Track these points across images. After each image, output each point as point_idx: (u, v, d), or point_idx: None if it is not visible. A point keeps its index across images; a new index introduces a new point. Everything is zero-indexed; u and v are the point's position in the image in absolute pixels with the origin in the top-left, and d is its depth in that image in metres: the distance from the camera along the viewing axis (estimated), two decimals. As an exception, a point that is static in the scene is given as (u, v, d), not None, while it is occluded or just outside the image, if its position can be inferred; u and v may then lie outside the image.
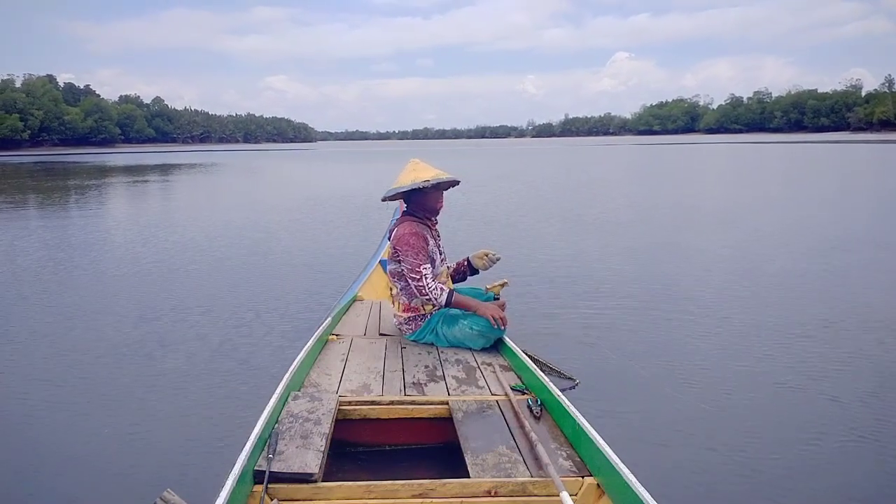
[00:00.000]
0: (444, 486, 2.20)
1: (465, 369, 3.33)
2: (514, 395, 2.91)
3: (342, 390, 2.97)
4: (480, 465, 2.33)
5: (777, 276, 7.16)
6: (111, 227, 12.49)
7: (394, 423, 2.85)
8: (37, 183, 27.58)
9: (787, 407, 3.78)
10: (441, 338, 3.70)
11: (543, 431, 2.59)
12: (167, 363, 4.61)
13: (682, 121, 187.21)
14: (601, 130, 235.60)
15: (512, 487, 2.20)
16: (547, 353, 4.32)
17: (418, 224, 3.77)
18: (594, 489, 2.22)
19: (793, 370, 4.31)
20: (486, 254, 4.07)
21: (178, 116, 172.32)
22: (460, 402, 2.85)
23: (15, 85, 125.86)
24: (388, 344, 3.73)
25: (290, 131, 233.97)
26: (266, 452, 2.25)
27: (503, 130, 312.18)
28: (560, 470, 2.26)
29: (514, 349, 3.46)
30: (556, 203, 15.31)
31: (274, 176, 33.09)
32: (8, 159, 71.00)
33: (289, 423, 2.49)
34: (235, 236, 10.82)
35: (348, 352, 3.55)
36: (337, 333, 3.89)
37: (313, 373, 3.19)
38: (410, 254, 3.63)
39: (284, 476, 2.17)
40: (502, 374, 3.21)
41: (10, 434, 3.56)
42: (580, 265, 7.97)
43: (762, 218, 12.25)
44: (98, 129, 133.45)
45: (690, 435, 3.44)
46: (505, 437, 2.54)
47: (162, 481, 2.61)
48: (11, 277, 7.73)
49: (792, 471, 3.06)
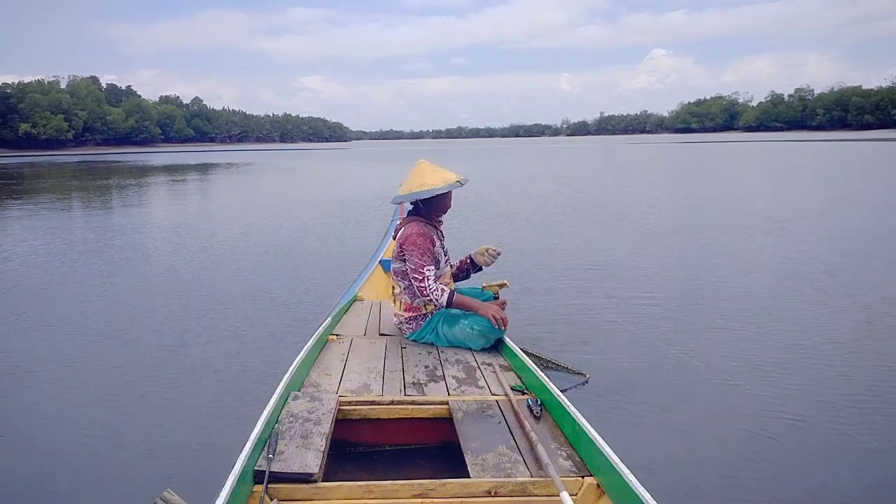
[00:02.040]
0: (444, 486, 2.20)
1: (465, 369, 3.33)
2: (514, 395, 2.90)
3: (342, 390, 2.98)
4: (480, 465, 2.33)
5: (812, 279, 6.97)
6: (133, 226, 12.56)
7: (394, 423, 2.85)
8: (80, 182, 28.27)
9: (789, 408, 3.71)
10: (441, 338, 3.69)
11: (543, 431, 2.58)
12: (167, 362, 4.62)
13: (721, 118, 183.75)
14: (637, 128, 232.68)
15: (512, 487, 2.20)
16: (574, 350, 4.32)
17: (425, 225, 3.77)
18: (594, 489, 2.21)
19: (801, 374, 4.24)
20: (487, 249, 4.05)
21: (216, 116, 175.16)
22: (460, 402, 2.85)
23: (60, 86, 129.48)
24: (388, 344, 3.73)
25: (325, 131, 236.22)
26: (266, 452, 2.26)
27: (537, 129, 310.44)
28: (560, 470, 2.26)
29: (514, 349, 3.45)
30: (598, 204, 14.94)
31: (308, 175, 33.38)
32: (53, 158, 73.25)
33: (289, 423, 2.51)
34: (261, 237, 10.81)
35: (348, 352, 3.56)
36: (337, 333, 3.90)
37: (313, 373, 3.20)
38: (416, 254, 3.63)
39: (284, 476, 2.18)
40: (502, 374, 3.20)
41: (9, 434, 3.56)
42: (630, 269, 7.61)
43: (814, 219, 11.89)
44: (139, 129, 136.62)
45: (691, 435, 3.42)
46: (505, 437, 2.54)
47: (162, 481, 2.63)
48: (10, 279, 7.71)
49: (793, 471, 3.04)
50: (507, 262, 6.91)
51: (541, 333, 4.98)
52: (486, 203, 15.04)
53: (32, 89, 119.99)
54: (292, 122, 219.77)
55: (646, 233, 10.28)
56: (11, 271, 8.11)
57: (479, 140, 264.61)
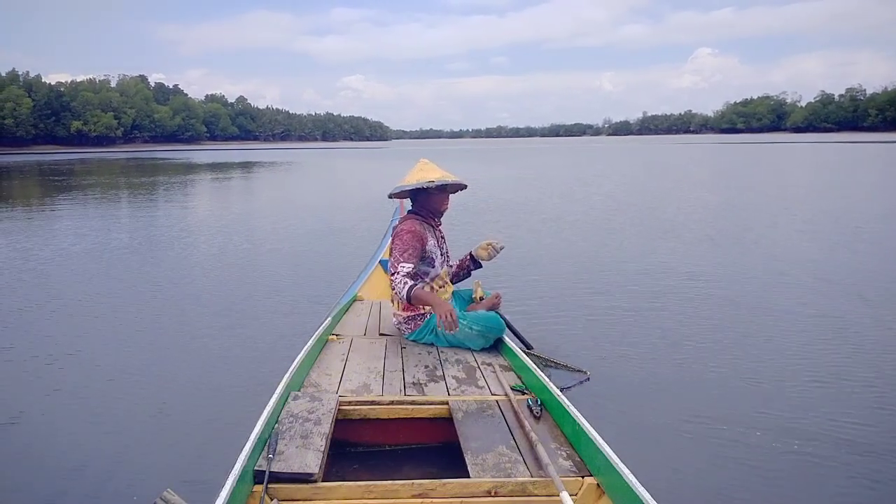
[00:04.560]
0: (444, 486, 2.20)
1: (465, 369, 3.32)
2: (514, 395, 2.90)
3: (342, 390, 2.99)
4: (480, 465, 2.33)
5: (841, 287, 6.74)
6: (152, 223, 12.70)
7: (394, 423, 2.85)
8: (128, 179, 28.98)
9: (792, 409, 3.68)
10: (441, 338, 3.69)
11: (543, 431, 2.58)
12: (168, 362, 4.63)
13: (768, 119, 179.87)
14: (681, 128, 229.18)
15: (512, 487, 2.19)
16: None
17: (421, 223, 3.78)
18: (594, 489, 2.21)
19: (809, 377, 4.18)
20: (489, 244, 4.04)
21: (260, 115, 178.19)
22: (460, 402, 2.85)
23: (111, 85, 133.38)
24: (388, 344, 3.74)
25: (366, 130, 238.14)
26: (266, 452, 2.26)
27: (578, 128, 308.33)
28: (560, 470, 2.26)
29: (514, 349, 3.44)
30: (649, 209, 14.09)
31: (348, 174, 33.59)
32: (103, 155, 75.49)
33: (289, 423, 2.51)
34: (288, 238, 10.68)
35: (348, 352, 3.57)
36: (337, 333, 3.91)
37: (313, 373, 3.21)
38: (398, 248, 3.67)
39: (284, 476, 2.18)
40: (502, 374, 3.20)
41: (9, 434, 3.56)
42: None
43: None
44: (185, 127, 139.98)
45: (691, 436, 3.39)
46: (505, 437, 2.54)
47: (162, 481, 2.64)
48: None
49: (793, 472, 3.00)
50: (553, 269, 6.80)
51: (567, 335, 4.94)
52: (528, 204, 14.89)
53: (84, 88, 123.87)
54: (334, 121, 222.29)
55: (731, 246, 9.15)
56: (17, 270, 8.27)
57: (519, 140, 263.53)
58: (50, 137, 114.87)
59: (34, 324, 5.69)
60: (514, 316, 4.17)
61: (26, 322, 5.75)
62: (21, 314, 6.00)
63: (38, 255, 9.06)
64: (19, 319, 5.84)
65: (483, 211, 13.44)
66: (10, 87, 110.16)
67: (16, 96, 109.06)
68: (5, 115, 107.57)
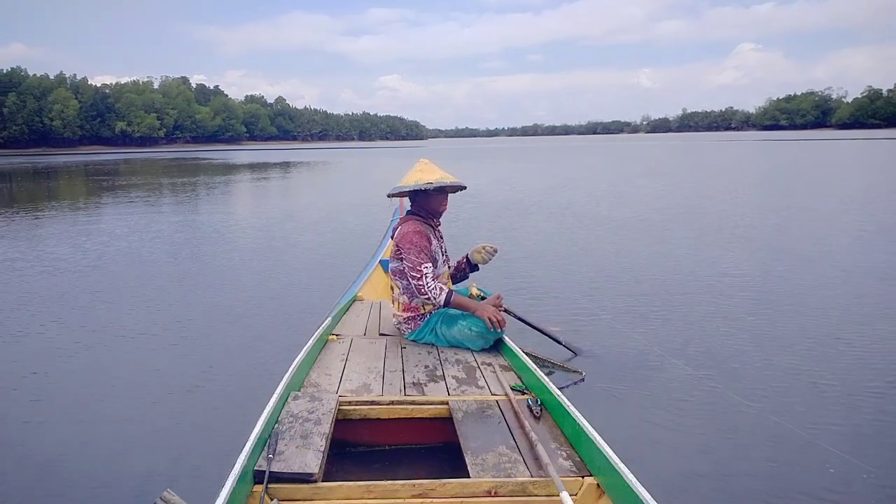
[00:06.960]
0: (444, 486, 2.20)
1: (465, 369, 3.32)
2: (514, 395, 2.89)
3: (342, 390, 2.99)
4: (480, 465, 2.32)
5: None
6: (169, 223, 12.73)
7: (394, 423, 2.86)
8: (171, 180, 29.50)
9: (793, 410, 3.63)
10: (440, 338, 3.68)
11: (543, 431, 2.57)
12: (168, 362, 4.65)
13: (812, 115, 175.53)
14: (722, 125, 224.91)
15: (512, 487, 2.19)
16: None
17: (422, 223, 3.78)
18: (594, 489, 2.20)
19: (812, 379, 4.12)
20: (484, 247, 4.03)
21: (298, 115, 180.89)
22: (460, 402, 2.85)
23: (153, 86, 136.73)
24: (388, 344, 3.74)
25: (402, 129, 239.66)
26: (266, 452, 2.26)
27: (616, 126, 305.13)
28: (560, 470, 2.25)
29: (514, 349, 3.42)
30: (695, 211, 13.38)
31: (385, 173, 33.60)
32: (147, 155, 77.27)
33: (289, 423, 2.51)
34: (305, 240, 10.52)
35: (348, 352, 3.57)
36: (337, 333, 3.91)
37: (313, 373, 3.22)
38: (413, 251, 3.63)
39: (284, 476, 2.18)
40: (502, 374, 3.19)
41: (9, 434, 3.58)
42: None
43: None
44: (225, 128, 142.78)
45: (692, 435, 3.38)
46: (505, 437, 2.53)
47: (162, 481, 2.68)
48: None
49: (793, 472, 2.99)
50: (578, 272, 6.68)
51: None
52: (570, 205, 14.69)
53: (128, 89, 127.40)
54: (371, 120, 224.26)
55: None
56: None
57: (556, 137, 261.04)
58: (95, 138, 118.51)
59: (33, 324, 5.72)
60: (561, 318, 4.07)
61: (26, 322, 5.78)
62: (20, 313, 6.08)
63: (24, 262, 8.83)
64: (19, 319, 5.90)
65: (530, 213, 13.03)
66: (58, 89, 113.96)
67: (63, 98, 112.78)
68: (53, 116, 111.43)
